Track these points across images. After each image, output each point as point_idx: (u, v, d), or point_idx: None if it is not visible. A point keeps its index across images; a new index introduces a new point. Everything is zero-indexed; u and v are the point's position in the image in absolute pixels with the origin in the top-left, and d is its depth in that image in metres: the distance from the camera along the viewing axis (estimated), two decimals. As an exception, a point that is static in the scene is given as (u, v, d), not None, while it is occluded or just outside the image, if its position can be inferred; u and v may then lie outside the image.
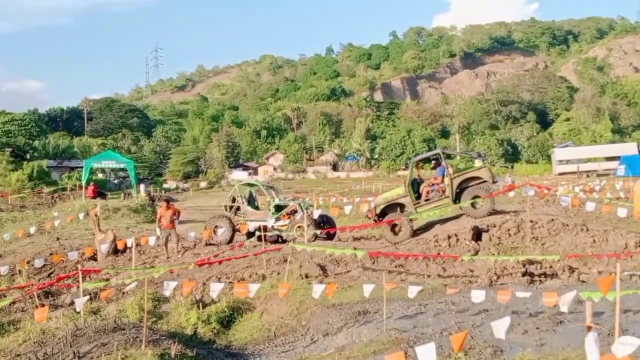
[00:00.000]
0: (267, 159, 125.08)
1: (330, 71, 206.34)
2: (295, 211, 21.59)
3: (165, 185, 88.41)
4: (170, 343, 8.74)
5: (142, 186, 52.23)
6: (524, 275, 12.94)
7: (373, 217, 19.97)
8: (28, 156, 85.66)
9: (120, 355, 8.09)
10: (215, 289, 11.19)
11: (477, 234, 16.56)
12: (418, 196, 19.61)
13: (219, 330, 11.69)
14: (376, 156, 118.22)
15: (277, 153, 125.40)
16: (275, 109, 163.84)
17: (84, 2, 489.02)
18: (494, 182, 19.72)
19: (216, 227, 21.33)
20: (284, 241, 20.46)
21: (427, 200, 19.43)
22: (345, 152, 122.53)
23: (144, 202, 39.91)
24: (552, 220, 16.81)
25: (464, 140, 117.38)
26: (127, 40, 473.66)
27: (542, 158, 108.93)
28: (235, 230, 21.37)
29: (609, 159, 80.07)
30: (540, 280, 12.89)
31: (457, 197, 19.05)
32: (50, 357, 8.79)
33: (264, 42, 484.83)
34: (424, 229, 20.39)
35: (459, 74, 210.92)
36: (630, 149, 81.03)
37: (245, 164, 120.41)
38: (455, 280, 13.21)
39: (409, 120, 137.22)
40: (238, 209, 22.39)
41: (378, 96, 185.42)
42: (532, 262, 13.57)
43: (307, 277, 14.27)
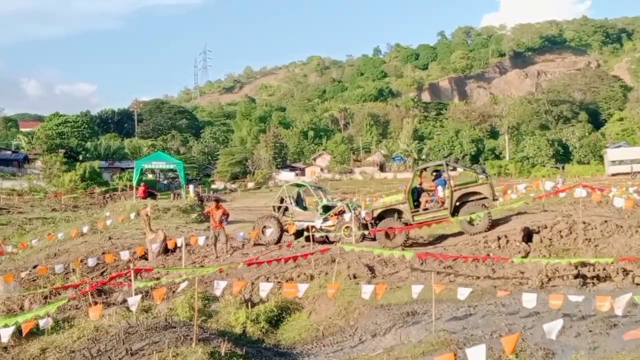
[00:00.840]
0: (314, 159, 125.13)
1: (377, 72, 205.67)
2: (343, 212, 21.56)
3: (213, 186, 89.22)
4: (220, 341, 8.81)
5: (191, 187, 52.82)
6: (576, 277, 12.68)
7: (370, 220, 20.04)
8: (80, 157, 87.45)
9: (171, 353, 8.19)
10: (264, 288, 11.24)
11: (528, 235, 16.35)
12: (417, 205, 19.53)
13: (268, 330, 11.73)
14: (423, 157, 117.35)
15: (324, 154, 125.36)
16: (322, 109, 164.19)
17: (134, 5, 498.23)
18: (495, 200, 19.44)
19: (264, 227, 21.43)
20: (331, 242, 20.47)
21: (425, 210, 19.36)
22: (393, 152, 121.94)
23: (193, 202, 40.35)
24: (606, 221, 16.49)
25: (513, 140, 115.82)
26: (176, 43, 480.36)
27: (594, 159, 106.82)
28: (283, 230, 21.43)
29: (664, 159, 78.18)
30: (593, 283, 12.63)
31: (456, 210, 18.90)
32: (103, 353, 8.96)
33: (311, 43, 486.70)
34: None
35: (509, 74, 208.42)
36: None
37: (293, 164, 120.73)
38: (505, 282, 13.04)
39: (457, 121, 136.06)
40: (286, 209, 22.46)
41: (425, 97, 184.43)
42: (584, 264, 13.30)
43: (355, 277, 14.27)
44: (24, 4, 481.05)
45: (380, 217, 19.70)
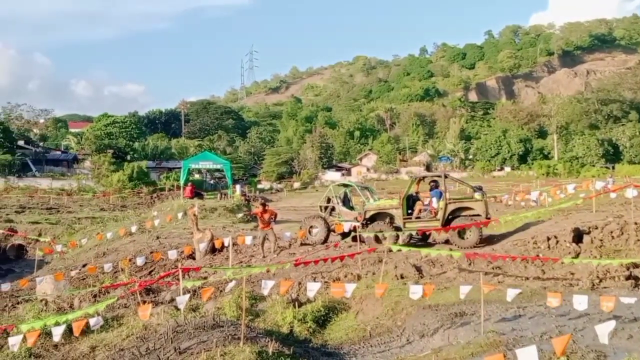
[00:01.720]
0: (361, 159, 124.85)
1: (423, 71, 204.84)
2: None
3: (259, 186, 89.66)
4: (268, 341, 8.85)
5: (237, 186, 53.25)
6: (628, 279, 12.44)
7: (361, 220, 20.29)
8: (128, 157, 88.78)
9: (219, 352, 8.25)
10: (312, 288, 11.24)
11: (578, 236, 16.11)
12: (410, 212, 19.76)
13: (315, 329, 11.72)
14: (470, 157, 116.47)
15: (370, 154, 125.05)
16: (368, 109, 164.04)
17: (181, 7, 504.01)
18: (487, 218, 19.29)
19: (311, 227, 21.46)
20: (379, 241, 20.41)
21: (417, 218, 19.67)
22: (439, 152, 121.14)
23: (240, 202, 40.65)
24: (658, 222, 16.16)
25: (562, 140, 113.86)
26: (223, 43, 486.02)
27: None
28: (330, 230, 21.42)
29: None
30: (646, 285, 12.38)
31: (448, 223, 19.10)
32: (152, 352, 9.06)
33: (357, 43, 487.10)
34: (521, 229, 20.04)
35: (557, 73, 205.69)
36: None
37: (339, 164, 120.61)
38: (555, 283, 12.86)
39: (504, 120, 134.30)
40: (333, 209, 22.43)
41: (472, 96, 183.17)
42: (636, 266, 13.06)
43: (402, 277, 14.22)
44: (73, 6, 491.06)
45: (372, 218, 20.16)
